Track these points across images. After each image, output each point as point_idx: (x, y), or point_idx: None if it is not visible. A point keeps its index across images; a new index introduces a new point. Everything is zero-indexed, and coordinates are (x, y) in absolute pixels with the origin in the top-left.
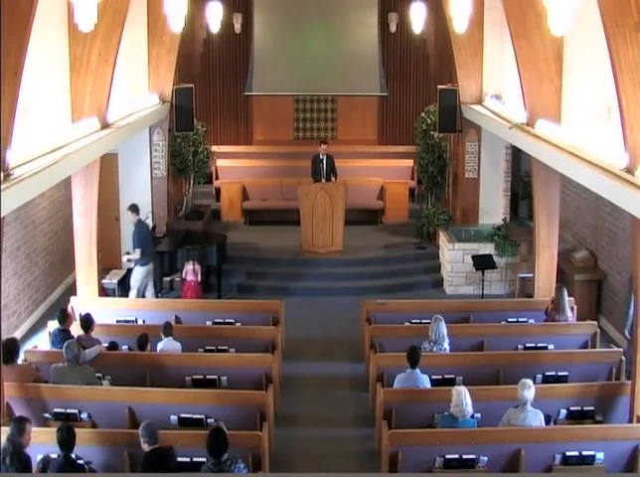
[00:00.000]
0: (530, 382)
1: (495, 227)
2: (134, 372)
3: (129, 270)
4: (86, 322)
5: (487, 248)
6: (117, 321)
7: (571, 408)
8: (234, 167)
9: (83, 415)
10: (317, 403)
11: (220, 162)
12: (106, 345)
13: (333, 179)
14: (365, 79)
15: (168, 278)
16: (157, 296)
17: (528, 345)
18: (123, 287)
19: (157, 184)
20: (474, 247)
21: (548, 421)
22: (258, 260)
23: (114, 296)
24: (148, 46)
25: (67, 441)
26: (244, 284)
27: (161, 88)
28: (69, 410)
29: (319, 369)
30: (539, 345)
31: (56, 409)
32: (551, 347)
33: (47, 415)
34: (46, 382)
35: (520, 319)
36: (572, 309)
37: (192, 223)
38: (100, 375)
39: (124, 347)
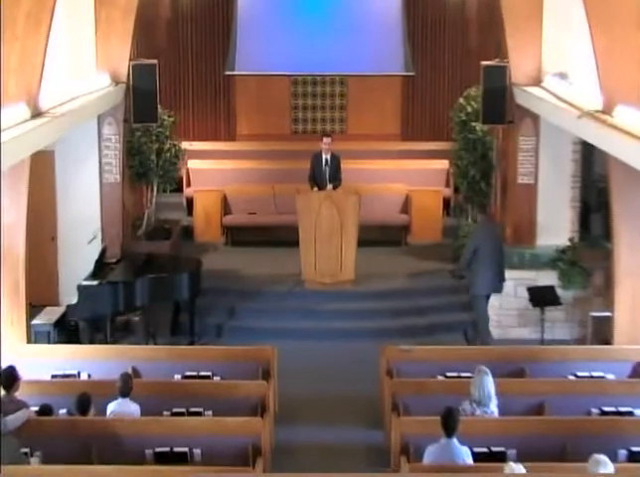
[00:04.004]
0: (605, 458)
1: (559, 249)
2: (75, 444)
3: (69, 307)
4: (8, 378)
5: (548, 278)
6: (53, 376)
7: None
8: (211, 170)
9: None
10: None
11: (193, 163)
12: (36, 408)
13: (330, 187)
14: (384, 53)
15: (124, 318)
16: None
17: (605, 409)
18: (61, 330)
19: (108, 192)
20: (530, 277)
21: None
22: (244, 293)
23: (49, 342)
24: (95, 5)
25: None
26: (225, 325)
27: (113, 65)
28: None
29: (324, 437)
30: (621, 409)
31: None
32: (638, 412)
33: None
34: None
35: (594, 373)
36: None
37: (155, 243)
38: (27, 450)
39: (62, 411)
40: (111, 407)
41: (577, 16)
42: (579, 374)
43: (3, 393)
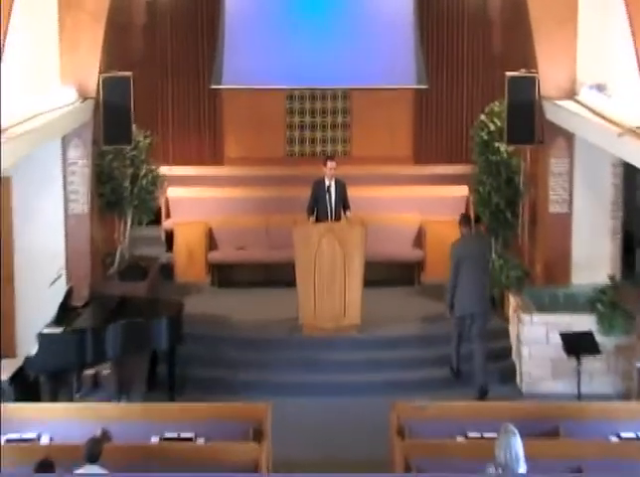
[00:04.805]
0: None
1: (597, 288)
2: None
3: (28, 359)
4: None
5: (585, 323)
6: (8, 441)
7: None
8: (194, 199)
9: None
10: None
11: (173, 191)
12: None
13: (347, 215)
14: (393, 63)
15: (91, 371)
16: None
17: None
18: (18, 385)
19: (75, 225)
20: (565, 321)
21: None
22: (232, 342)
23: (4, 400)
24: (60, 9)
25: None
26: (210, 378)
27: (81, 78)
28: None
29: None
30: None
31: None
32: None
33: None
34: None
35: None
36: None
37: (129, 284)
38: None
39: None
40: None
41: (618, 19)
42: (623, 434)
43: None
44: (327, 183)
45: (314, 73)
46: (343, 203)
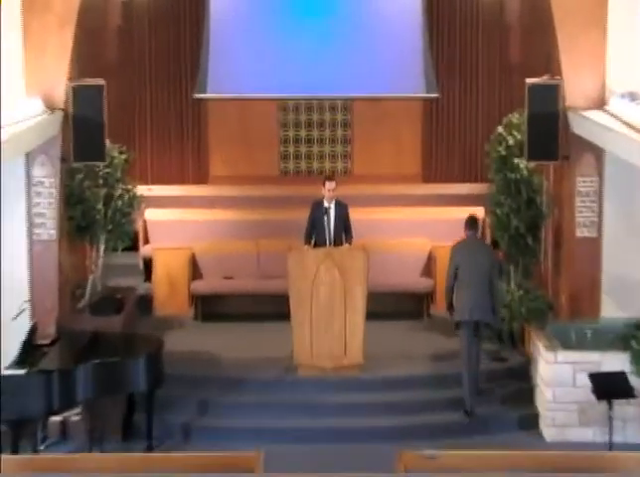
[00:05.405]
0: None
1: (631, 323)
2: None
3: None
4: None
5: (617, 362)
6: None
7: None
8: (176, 222)
9: None
10: None
11: (152, 214)
12: None
13: (347, 244)
14: (400, 69)
15: (59, 418)
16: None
17: None
18: None
19: (40, 252)
20: (594, 360)
21: None
22: (219, 383)
23: None
24: (24, 11)
25: None
26: (194, 424)
27: (47, 87)
28: None
29: None
30: None
31: None
32: None
33: None
34: None
35: None
36: None
37: (103, 319)
38: None
39: None
40: None
41: None
42: None
43: None
44: (326, 205)
45: (310, 80)
46: (345, 228)
